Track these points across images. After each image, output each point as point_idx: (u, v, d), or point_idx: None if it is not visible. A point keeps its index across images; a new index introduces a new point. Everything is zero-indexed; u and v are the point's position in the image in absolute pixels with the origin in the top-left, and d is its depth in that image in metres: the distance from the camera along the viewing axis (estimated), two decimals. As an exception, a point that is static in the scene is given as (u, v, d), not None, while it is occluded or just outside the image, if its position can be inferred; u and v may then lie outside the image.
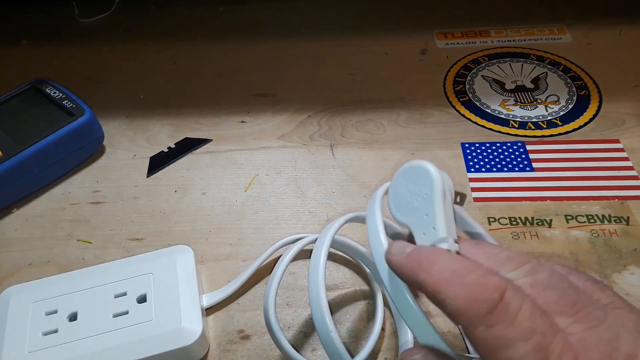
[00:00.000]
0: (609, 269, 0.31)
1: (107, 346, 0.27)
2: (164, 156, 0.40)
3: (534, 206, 0.35)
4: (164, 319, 0.28)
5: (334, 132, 0.41)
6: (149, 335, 0.27)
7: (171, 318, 0.28)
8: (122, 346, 0.27)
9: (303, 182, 0.37)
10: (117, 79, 0.47)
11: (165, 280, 0.29)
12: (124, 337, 0.27)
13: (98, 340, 0.27)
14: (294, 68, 0.47)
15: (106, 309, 0.28)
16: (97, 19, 0.54)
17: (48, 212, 0.36)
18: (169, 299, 0.29)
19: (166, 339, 0.27)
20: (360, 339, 0.29)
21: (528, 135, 0.40)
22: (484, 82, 0.44)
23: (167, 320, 0.28)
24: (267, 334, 0.29)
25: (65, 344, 0.27)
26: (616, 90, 0.43)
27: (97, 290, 0.29)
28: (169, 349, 0.27)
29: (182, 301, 0.28)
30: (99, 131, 0.40)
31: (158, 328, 0.27)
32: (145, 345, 0.27)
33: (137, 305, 0.28)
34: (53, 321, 0.28)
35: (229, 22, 0.52)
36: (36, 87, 0.40)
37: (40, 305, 0.29)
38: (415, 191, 0.22)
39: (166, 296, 0.29)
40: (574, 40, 0.48)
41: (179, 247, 0.31)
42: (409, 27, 0.51)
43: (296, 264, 0.33)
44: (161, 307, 0.28)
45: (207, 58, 0.48)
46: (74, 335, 0.27)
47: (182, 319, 0.28)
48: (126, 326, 0.28)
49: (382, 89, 0.44)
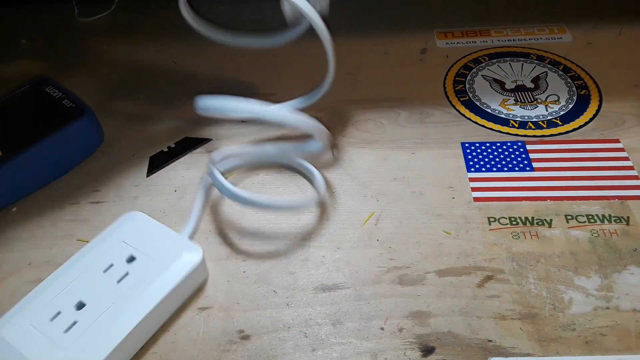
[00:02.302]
0: (609, 269, 0.31)
1: (129, 303, 0.28)
2: (163, 156, 0.40)
3: (534, 206, 0.35)
4: (163, 260, 0.30)
5: (334, 131, 0.41)
6: (159, 275, 0.30)
7: (169, 256, 0.30)
8: (142, 296, 0.29)
9: (303, 181, 0.37)
10: (117, 79, 0.47)
11: (138, 239, 0.31)
12: (138, 289, 0.29)
13: (118, 304, 0.28)
14: (294, 68, 0.47)
15: (107, 282, 0.29)
16: (97, 19, 0.54)
17: (48, 212, 0.36)
18: (154, 248, 0.31)
19: (176, 269, 0.30)
20: (361, 339, 0.29)
21: (528, 135, 0.40)
22: (484, 82, 0.44)
23: (167, 259, 0.30)
24: (267, 334, 0.29)
25: (92, 324, 0.28)
26: (616, 90, 0.43)
27: (84, 277, 0.30)
28: (185, 273, 0.30)
29: (166, 242, 0.31)
30: (98, 131, 0.40)
31: (163, 267, 0.30)
32: (161, 285, 0.29)
33: (133, 264, 0.30)
34: (64, 319, 0.28)
35: (229, 21, 0.52)
36: (36, 86, 0.40)
37: (38, 319, 0.28)
38: None
39: (150, 248, 0.31)
40: (574, 40, 0.48)
41: (129, 215, 0.33)
42: (409, 26, 0.51)
43: (296, 263, 0.33)
44: (152, 256, 0.30)
45: (207, 58, 0.48)
46: (95, 314, 0.28)
47: (179, 249, 0.31)
48: (135, 282, 0.29)
49: (382, 88, 0.44)
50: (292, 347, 0.29)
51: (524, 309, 0.30)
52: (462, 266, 0.32)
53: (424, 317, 0.30)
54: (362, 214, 0.35)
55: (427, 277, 0.32)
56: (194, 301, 0.31)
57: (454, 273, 0.32)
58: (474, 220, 0.34)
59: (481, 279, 0.31)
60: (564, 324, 0.29)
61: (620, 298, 0.30)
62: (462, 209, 0.35)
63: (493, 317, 0.30)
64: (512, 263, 0.32)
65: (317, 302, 0.31)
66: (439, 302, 0.30)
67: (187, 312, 0.31)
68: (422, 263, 0.32)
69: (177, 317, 0.30)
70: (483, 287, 0.31)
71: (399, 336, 0.29)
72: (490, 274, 0.31)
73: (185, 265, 0.30)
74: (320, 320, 0.30)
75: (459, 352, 0.28)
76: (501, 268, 0.32)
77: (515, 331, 0.29)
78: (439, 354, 0.28)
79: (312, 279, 0.32)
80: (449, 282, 0.31)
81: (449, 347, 0.28)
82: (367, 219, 0.35)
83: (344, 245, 0.33)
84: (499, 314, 0.30)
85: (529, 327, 0.29)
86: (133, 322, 0.28)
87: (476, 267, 0.32)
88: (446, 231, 0.34)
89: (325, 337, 0.29)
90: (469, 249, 0.33)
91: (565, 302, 0.30)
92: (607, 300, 0.30)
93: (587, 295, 0.30)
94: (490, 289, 0.31)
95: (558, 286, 0.31)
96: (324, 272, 0.32)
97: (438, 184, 0.37)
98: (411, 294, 0.31)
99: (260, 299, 0.31)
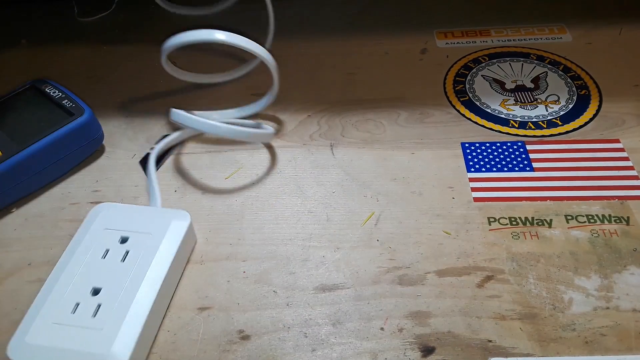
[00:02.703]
0: (609, 269, 0.31)
1: (144, 274, 0.30)
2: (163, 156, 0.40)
3: (534, 206, 0.35)
4: (156, 230, 0.32)
5: (334, 131, 0.41)
6: (159, 244, 0.31)
7: (160, 225, 0.32)
8: (152, 265, 0.30)
9: (303, 181, 0.37)
10: (117, 79, 0.47)
11: (120, 223, 0.32)
12: (146, 261, 0.30)
13: (134, 278, 0.29)
14: (294, 68, 0.47)
15: (111, 264, 0.30)
16: (97, 19, 0.54)
17: (48, 212, 0.36)
18: (141, 225, 0.32)
19: (172, 234, 0.31)
20: (361, 339, 0.29)
21: (528, 135, 0.40)
22: (484, 82, 0.44)
23: (159, 228, 0.32)
24: (267, 334, 0.29)
25: (117, 301, 0.29)
26: (616, 90, 0.43)
27: (86, 268, 0.30)
28: (182, 236, 0.32)
29: (148, 217, 0.33)
30: (98, 131, 0.40)
31: (159, 236, 0.31)
32: (166, 250, 0.31)
33: (129, 243, 0.31)
34: (86, 306, 0.28)
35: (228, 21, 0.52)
36: (36, 86, 0.40)
37: (59, 316, 0.28)
38: None
39: (137, 226, 0.32)
40: (574, 39, 0.48)
41: (97, 208, 0.34)
42: (409, 26, 0.51)
43: (296, 263, 0.33)
44: (144, 231, 0.32)
45: (206, 57, 0.48)
46: (115, 293, 0.29)
47: (167, 218, 0.32)
48: (139, 256, 0.30)
49: (382, 88, 0.44)
50: (292, 347, 0.29)
51: (524, 309, 0.30)
52: (462, 266, 0.32)
53: (424, 317, 0.30)
54: (362, 214, 0.35)
55: (427, 277, 0.32)
56: (194, 301, 0.31)
57: (454, 273, 0.32)
58: (474, 221, 0.34)
59: (481, 279, 0.31)
60: (564, 324, 0.29)
61: (620, 298, 0.30)
62: (462, 209, 0.35)
63: (493, 317, 0.30)
64: (512, 263, 0.32)
65: (317, 302, 0.31)
66: (439, 302, 0.30)
67: (187, 312, 0.31)
68: (422, 263, 0.32)
69: (177, 317, 0.30)
70: (483, 287, 0.31)
71: (399, 336, 0.29)
72: (490, 274, 0.31)
73: (180, 229, 0.32)
74: (320, 321, 0.30)
75: (459, 352, 0.28)
76: (501, 268, 0.32)
77: (515, 331, 0.29)
78: (439, 354, 0.28)
79: (312, 279, 0.32)
80: (449, 282, 0.31)
81: (449, 347, 0.28)
82: (367, 219, 0.35)
83: (344, 245, 0.33)
84: (499, 314, 0.30)
85: (529, 327, 0.29)
86: (155, 287, 0.29)
87: (476, 267, 0.32)
88: (446, 231, 0.34)
89: (325, 337, 0.29)
90: (469, 249, 0.33)
91: (565, 302, 0.30)
92: (607, 301, 0.30)
93: (587, 296, 0.30)
94: (490, 289, 0.31)
95: (558, 286, 0.31)
96: (324, 272, 0.32)
97: (438, 184, 0.37)
98: (411, 294, 0.31)
99: (260, 299, 0.31)
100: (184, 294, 0.32)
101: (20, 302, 0.31)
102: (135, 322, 0.28)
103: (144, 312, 0.28)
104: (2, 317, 0.31)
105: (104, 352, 0.27)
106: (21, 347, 0.27)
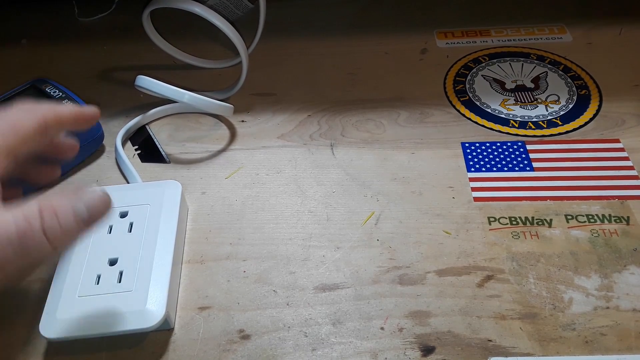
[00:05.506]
0: (609, 269, 0.31)
1: (155, 238, 0.31)
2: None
3: (534, 206, 0.35)
4: (153, 200, 0.33)
5: (334, 131, 0.41)
6: (160, 211, 0.33)
7: (155, 195, 0.33)
8: (161, 229, 0.32)
9: (303, 181, 0.37)
10: (117, 79, 0.47)
11: (115, 199, 0.34)
12: (153, 227, 0.32)
13: (147, 243, 0.31)
14: (294, 68, 0.47)
15: (120, 236, 0.32)
16: (97, 19, 0.54)
17: (48, 212, 0.36)
18: (135, 199, 0.33)
19: (169, 201, 0.33)
20: (361, 338, 0.29)
21: (528, 135, 0.40)
22: (484, 82, 0.44)
23: (155, 198, 0.33)
24: (267, 334, 0.29)
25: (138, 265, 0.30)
26: (616, 90, 0.43)
27: (95, 245, 0.31)
28: (178, 200, 0.33)
29: (139, 190, 0.34)
30: (98, 131, 0.40)
31: (158, 205, 0.33)
32: (169, 216, 0.32)
33: (130, 216, 0.32)
34: (109, 276, 0.30)
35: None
36: (36, 86, 0.40)
37: (83, 289, 0.29)
38: None
39: (131, 200, 0.33)
40: (574, 39, 0.48)
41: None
42: (409, 26, 0.51)
43: (296, 263, 0.33)
44: (140, 203, 0.33)
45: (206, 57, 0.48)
46: (133, 259, 0.30)
47: (159, 188, 0.34)
48: (145, 224, 0.32)
49: (382, 88, 0.44)
50: (292, 347, 0.29)
51: (524, 309, 0.30)
52: (462, 266, 0.32)
53: (424, 317, 0.30)
54: (362, 214, 0.35)
55: (427, 277, 0.32)
56: (194, 301, 0.31)
57: (454, 273, 0.32)
58: (474, 220, 0.34)
59: (481, 278, 0.31)
60: (564, 324, 0.29)
61: (620, 298, 0.30)
62: (462, 209, 0.35)
63: (493, 316, 0.30)
64: (512, 263, 0.32)
65: (317, 301, 0.31)
66: (439, 301, 0.30)
67: (187, 311, 0.31)
68: (422, 263, 0.32)
69: (178, 316, 0.30)
70: (483, 287, 0.31)
71: (399, 336, 0.29)
72: (490, 273, 0.31)
73: (174, 196, 0.34)
74: (320, 320, 0.30)
75: (459, 352, 0.28)
76: (501, 268, 0.32)
77: (515, 331, 0.29)
78: (439, 354, 0.28)
79: (312, 278, 0.32)
80: (449, 282, 0.31)
81: (449, 347, 0.28)
82: (367, 219, 0.35)
83: (344, 245, 0.33)
84: (499, 313, 0.30)
85: (529, 327, 0.29)
86: (170, 243, 0.31)
87: (476, 267, 0.32)
88: (446, 231, 0.34)
89: (325, 337, 0.29)
90: (469, 249, 0.33)
91: (565, 302, 0.30)
92: (607, 300, 0.30)
93: (587, 295, 0.30)
94: (490, 289, 0.31)
95: (558, 286, 0.31)
96: (324, 272, 0.32)
97: (438, 184, 0.37)
98: (411, 293, 0.31)
99: (260, 298, 0.31)
100: (184, 294, 0.32)
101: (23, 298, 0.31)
102: (162, 277, 0.30)
103: (167, 267, 0.30)
104: (5, 316, 0.31)
105: (141, 308, 0.28)
106: (53, 324, 0.28)
